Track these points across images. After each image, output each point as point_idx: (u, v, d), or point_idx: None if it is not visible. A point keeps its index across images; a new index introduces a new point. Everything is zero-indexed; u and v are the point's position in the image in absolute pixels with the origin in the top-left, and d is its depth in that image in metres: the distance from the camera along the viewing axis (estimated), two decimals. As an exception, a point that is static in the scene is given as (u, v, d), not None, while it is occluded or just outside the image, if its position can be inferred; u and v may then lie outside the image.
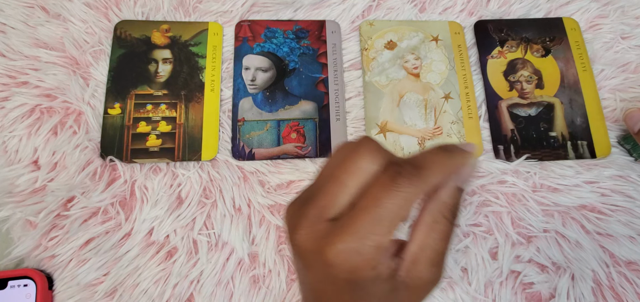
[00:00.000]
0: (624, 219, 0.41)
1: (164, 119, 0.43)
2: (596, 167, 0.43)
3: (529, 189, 0.42)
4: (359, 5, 0.48)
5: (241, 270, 0.40)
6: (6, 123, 0.42)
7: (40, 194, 0.40)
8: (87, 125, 0.42)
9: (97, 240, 0.39)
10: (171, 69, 0.45)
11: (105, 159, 0.41)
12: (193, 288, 0.39)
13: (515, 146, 0.44)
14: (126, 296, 0.38)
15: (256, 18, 0.48)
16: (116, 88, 0.44)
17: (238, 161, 0.43)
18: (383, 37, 0.48)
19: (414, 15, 0.49)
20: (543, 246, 0.40)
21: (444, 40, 0.48)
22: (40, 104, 0.42)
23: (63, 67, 0.44)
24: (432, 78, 0.46)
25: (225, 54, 0.47)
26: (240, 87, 0.45)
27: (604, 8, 0.49)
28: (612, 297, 0.39)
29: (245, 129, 0.43)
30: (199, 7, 0.48)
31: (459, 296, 0.39)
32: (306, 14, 0.48)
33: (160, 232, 0.40)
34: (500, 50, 0.47)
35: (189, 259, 0.39)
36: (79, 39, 0.45)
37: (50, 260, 0.39)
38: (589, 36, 0.48)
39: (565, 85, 0.46)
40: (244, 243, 0.40)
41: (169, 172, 0.42)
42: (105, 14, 0.46)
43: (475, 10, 0.49)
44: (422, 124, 0.44)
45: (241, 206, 0.41)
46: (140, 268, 0.39)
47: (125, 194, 0.41)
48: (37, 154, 0.41)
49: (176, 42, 0.46)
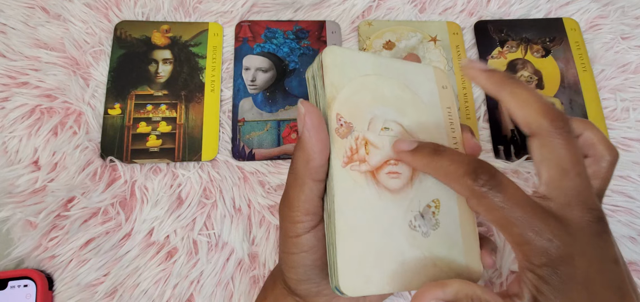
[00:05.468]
0: (624, 219, 0.41)
1: (164, 120, 0.43)
2: (596, 168, 0.43)
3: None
4: (359, 6, 0.48)
5: (241, 270, 0.40)
6: (6, 123, 0.42)
7: (40, 194, 0.40)
8: (87, 126, 0.42)
9: (97, 240, 0.39)
10: (171, 70, 0.45)
11: (106, 159, 0.41)
12: (193, 288, 0.39)
13: (516, 146, 0.44)
14: (126, 296, 0.39)
15: (256, 18, 0.48)
16: (116, 88, 0.44)
17: (238, 161, 0.43)
18: (381, 37, 0.48)
19: (413, 15, 0.49)
20: (543, 246, 0.40)
21: (442, 40, 0.48)
22: (41, 105, 0.42)
23: (63, 67, 0.44)
24: (432, 78, 0.46)
25: (226, 54, 0.47)
26: (241, 87, 0.45)
27: (604, 8, 0.49)
28: (612, 297, 0.39)
29: (246, 130, 0.44)
30: (199, 7, 0.48)
31: (459, 296, 0.39)
32: (306, 15, 0.48)
33: (161, 232, 0.40)
34: (500, 51, 0.47)
35: (189, 260, 0.39)
36: (79, 39, 0.45)
37: (51, 260, 0.39)
38: (589, 36, 0.48)
39: (566, 86, 0.46)
40: (244, 243, 0.40)
41: (169, 172, 0.42)
42: (106, 15, 0.47)
43: (475, 10, 0.49)
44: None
45: (241, 206, 0.41)
46: (141, 268, 0.39)
47: (126, 194, 0.41)
48: (37, 154, 0.41)
49: (176, 42, 0.46)
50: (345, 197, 0.27)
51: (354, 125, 0.29)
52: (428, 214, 0.30)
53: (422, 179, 0.30)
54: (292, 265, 0.29)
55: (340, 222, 0.26)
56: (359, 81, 0.30)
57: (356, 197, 0.27)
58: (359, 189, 0.27)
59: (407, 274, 0.28)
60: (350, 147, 0.28)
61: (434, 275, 0.29)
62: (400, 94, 0.31)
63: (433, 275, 0.29)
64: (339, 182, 0.27)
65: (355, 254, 0.26)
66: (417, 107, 0.32)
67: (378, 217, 0.28)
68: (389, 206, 0.28)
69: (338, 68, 0.29)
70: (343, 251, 0.26)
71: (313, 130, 0.26)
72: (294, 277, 0.29)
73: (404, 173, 0.29)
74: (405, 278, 0.27)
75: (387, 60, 0.32)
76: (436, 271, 0.29)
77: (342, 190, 0.27)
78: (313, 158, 0.26)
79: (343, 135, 0.28)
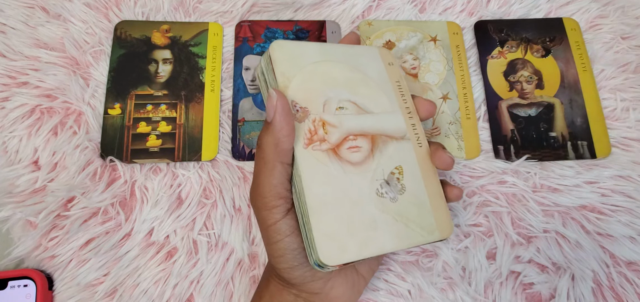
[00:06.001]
0: (625, 219, 0.41)
1: (164, 120, 0.43)
2: (596, 168, 0.43)
3: (529, 190, 0.42)
4: (359, 6, 0.48)
5: (241, 270, 0.40)
6: (6, 123, 0.42)
7: (40, 194, 0.40)
8: (87, 126, 0.42)
9: (97, 240, 0.39)
10: (171, 70, 0.45)
11: (105, 159, 0.41)
12: (193, 288, 0.39)
13: (516, 146, 0.44)
14: (126, 296, 0.39)
15: (256, 18, 0.48)
16: (116, 88, 0.44)
17: (238, 161, 0.43)
18: (381, 37, 0.48)
19: (414, 15, 0.49)
20: (543, 246, 0.40)
21: (442, 40, 0.48)
22: (41, 105, 0.42)
23: (63, 67, 0.44)
24: (430, 78, 0.46)
25: (226, 54, 0.47)
26: (241, 87, 0.45)
27: (604, 8, 0.49)
28: (612, 297, 0.39)
29: (246, 130, 0.44)
30: (199, 7, 0.48)
31: (459, 297, 0.39)
32: (306, 14, 0.48)
33: (160, 232, 0.40)
34: (500, 51, 0.47)
35: (189, 260, 0.39)
36: (79, 39, 0.45)
37: (51, 260, 0.39)
38: (589, 36, 0.48)
39: (566, 86, 0.46)
40: (244, 243, 0.40)
41: (169, 172, 0.42)
42: (106, 14, 0.47)
43: (475, 10, 0.49)
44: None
45: (241, 206, 0.41)
46: (141, 268, 0.39)
47: (126, 194, 0.41)
48: (37, 154, 0.41)
49: (176, 42, 0.46)
50: (312, 176, 0.29)
51: (309, 110, 0.31)
52: (393, 180, 0.32)
53: (382, 149, 0.32)
54: (280, 254, 0.29)
55: (310, 199, 0.28)
56: (308, 69, 0.32)
57: (322, 174, 0.29)
58: (323, 166, 0.29)
59: (380, 238, 0.30)
60: (309, 130, 0.30)
61: (407, 235, 0.31)
62: (350, 75, 0.34)
63: (406, 235, 0.31)
64: (304, 163, 0.29)
65: (329, 226, 0.28)
66: (368, 85, 0.34)
67: (345, 190, 0.30)
68: (354, 178, 0.30)
69: (287, 59, 0.31)
70: (317, 225, 0.28)
71: (283, 114, 0.28)
72: (285, 265, 0.29)
73: (364, 146, 0.32)
74: (379, 242, 0.29)
75: (334, 46, 0.34)
76: (408, 232, 0.31)
77: (308, 169, 0.29)
78: (282, 141, 0.28)
79: (300, 119, 0.30)
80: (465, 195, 0.42)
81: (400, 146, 0.33)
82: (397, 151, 0.33)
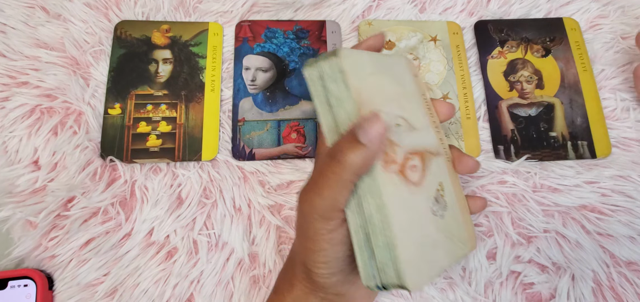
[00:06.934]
0: (625, 219, 0.41)
1: (164, 119, 0.43)
2: (596, 167, 0.43)
3: (529, 189, 0.42)
4: (359, 6, 0.48)
5: (241, 270, 0.40)
6: (6, 123, 0.42)
7: (40, 194, 0.40)
8: (87, 126, 0.42)
9: (97, 240, 0.39)
10: (171, 69, 0.45)
11: (106, 159, 0.41)
12: (193, 288, 0.39)
13: (516, 146, 0.44)
14: (126, 296, 0.39)
15: (256, 18, 0.48)
16: (116, 88, 0.44)
17: (238, 161, 0.43)
18: (383, 37, 0.48)
19: (414, 15, 0.49)
20: (543, 246, 0.40)
21: (442, 40, 0.48)
22: (41, 104, 0.42)
23: (63, 67, 0.44)
24: (431, 78, 0.46)
25: (226, 54, 0.47)
26: (241, 87, 0.45)
27: (604, 8, 0.49)
28: (612, 297, 0.39)
29: (246, 129, 0.44)
30: (199, 7, 0.48)
31: (459, 297, 0.39)
32: (306, 14, 0.48)
33: (161, 232, 0.40)
34: (500, 51, 0.47)
35: (189, 259, 0.39)
36: (79, 39, 0.45)
37: (51, 260, 0.39)
38: (589, 36, 0.48)
39: (566, 86, 0.46)
40: (244, 243, 0.40)
41: (169, 172, 0.42)
42: (106, 14, 0.47)
43: (475, 10, 0.49)
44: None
45: (241, 206, 0.41)
46: (141, 268, 0.39)
47: (126, 194, 0.41)
48: (37, 154, 0.41)
49: (176, 42, 0.46)
50: (391, 200, 0.27)
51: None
52: (439, 197, 0.31)
53: (429, 166, 0.31)
54: (325, 260, 0.29)
55: (395, 226, 0.27)
56: (369, 82, 0.29)
57: (398, 196, 0.28)
58: (396, 188, 0.28)
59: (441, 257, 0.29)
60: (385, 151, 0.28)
61: (453, 250, 0.30)
62: (396, 89, 0.32)
63: (453, 250, 0.30)
64: (385, 186, 0.27)
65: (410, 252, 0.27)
66: (408, 98, 0.33)
67: (414, 212, 0.29)
68: (418, 199, 0.29)
69: (353, 71, 0.29)
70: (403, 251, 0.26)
71: (380, 139, 0.27)
72: (327, 272, 0.29)
73: (418, 165, 0.30)
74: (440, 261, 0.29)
75: (377, 57, 0.32)
76: (453, 246, 0.31)
77: (388, 193, 0.27)
78: (369, 165, 0.27)
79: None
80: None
81: (438, 162, 0.32)
82: (437, 167, 0.31)
